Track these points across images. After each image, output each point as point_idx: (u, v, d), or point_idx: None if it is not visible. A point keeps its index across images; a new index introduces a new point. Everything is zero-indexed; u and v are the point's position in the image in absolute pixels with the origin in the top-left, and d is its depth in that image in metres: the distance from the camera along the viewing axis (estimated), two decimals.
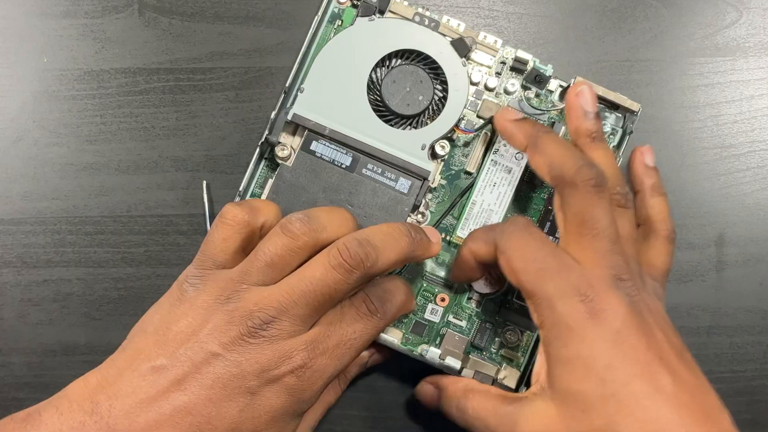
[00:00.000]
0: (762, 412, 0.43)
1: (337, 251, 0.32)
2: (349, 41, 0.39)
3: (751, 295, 0.43)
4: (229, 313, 0.31)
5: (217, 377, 0.30)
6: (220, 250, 0.33)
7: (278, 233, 0.33)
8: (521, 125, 0.36)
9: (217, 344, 0.31)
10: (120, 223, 0.42)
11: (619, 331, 0.30)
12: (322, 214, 0.34)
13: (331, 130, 0.38)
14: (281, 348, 0.31)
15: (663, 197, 0.39)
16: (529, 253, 0.32)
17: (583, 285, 0.31)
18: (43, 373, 0.41)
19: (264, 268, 0.32)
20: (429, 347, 0.39)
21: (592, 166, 0.33)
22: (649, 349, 0.30)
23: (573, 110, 0.37)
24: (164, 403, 0.30)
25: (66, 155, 0.42)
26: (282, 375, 0.31)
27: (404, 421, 0.42)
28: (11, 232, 0.42)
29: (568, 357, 0.31)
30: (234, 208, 0.33)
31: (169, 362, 0.30)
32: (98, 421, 0.29)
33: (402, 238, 0.34)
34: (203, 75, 0.43)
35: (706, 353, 0.43)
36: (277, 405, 0.31)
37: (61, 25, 0.43)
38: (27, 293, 0.42)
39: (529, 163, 0.35)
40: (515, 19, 0.44)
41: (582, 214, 0.32)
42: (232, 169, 0.42)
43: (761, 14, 0.44)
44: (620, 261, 0.32)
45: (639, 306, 0.31)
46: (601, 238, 0.32)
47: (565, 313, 0.31)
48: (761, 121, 0.44)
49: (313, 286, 0.31)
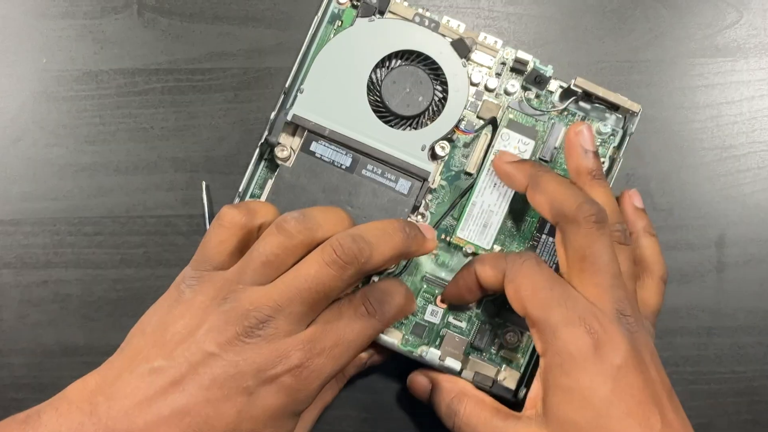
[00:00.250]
0: (763, 413, 0.43)
1: (331, 248, 0.32)
2: (349, 42, 0.39)
3: (751, 295, 0.43)
4: (226, 313, 0.31)
5: (215, 378, 0.30)
6: (216, 252, 0.33)
7: (273, 232, 0.33)
8: (520, 166, 0.37)
9: (214, 344, 0.30)
10: (119, 223, 0.42)
11: (620, 367, 0.31)
12: (317, 213, 0.34)
13: (331, 130, 0.38)
14: (278, 347, 0.31)
15: (655, 238, 0.40)
16: (537, 282, 0.33)
17: (588, 316, 0.32)
18: (42, 374, 0.41)
19: (259, 267, 0.32)
20: (429, 348, 0.39)
21: (593, 202, 0.34)
22: (645, 389, 0.31)
23: (573, 149, 0.37)
24: (162, 404, 0.30)
25: (65, 156, 0.42)
26: (279, 374, 0.31)
27: (404, 421, 0.42)
28: (10, 233, 0.42)
29: (567, 386, 0.31)
30: (231, 210, 0.34)
31: (166, 363, 0.30)
32: (96, 423, 0.29)
33: (396, 233, 0.34)
34: (202, 75, 0.43)
35: (707, 354, 0.43)
36: (274, 405, 0.31)
37: (60, 25, 0.43)
38: (26, 294, 0.41)
39: (530, 203, 0.36)
40: (515, 19, 0.44)
41: (584, 249, 0.33)
42: (231, 170, 0.42)
43: (761, 15, 0.44)
44: (623, 296, 0.33)
45: (638, 343, 0.32)
46: (603, 273, 0.33)
47: (570, 342, 0.31)
48: (761, 122, 0.44)
49: (308, 284, 0.31)
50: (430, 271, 0.40)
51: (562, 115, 0.40)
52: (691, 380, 0.43)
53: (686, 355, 0.43)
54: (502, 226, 0.39)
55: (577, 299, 0.32)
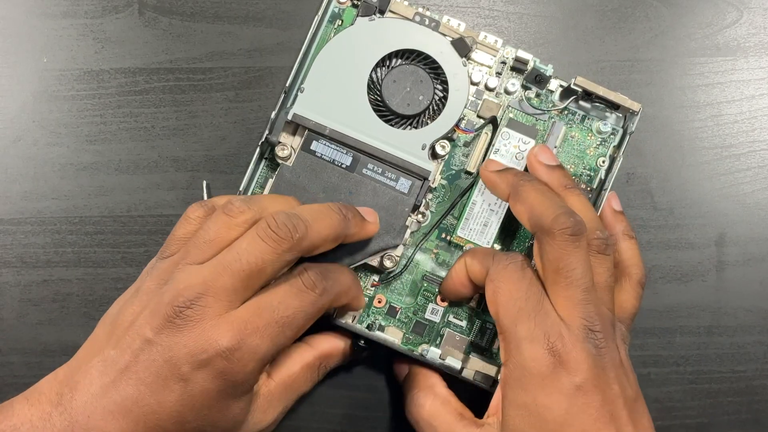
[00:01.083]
0: (762, 412, 0.43)
1: (266, 223, 0.32)
2: (350, 41, 0.39)
3: (751, 294, 0.43)
4: (162, 294, 0.31)
5: (151, 365, 0.30)
6: (177, 244, 0.33)
7: (219, 213, 0.33)
8: (503, 175, 0.37)
9: (149, 329, 0.30)
10: (120, 223, 0.42)
11: (579, 386, 0.31)
12: (264, 198, 0.34)
13: (332, 129, 0.38)
14: (206, 329, 0.30)
15: (633, 241, 0.40)
16: (514, 290, 0.33)
17: (553, 333, 0.32)
18: (42, 373, 0.41)
19: (202, 244, 0.32)
20: (429, 347, 0.39)
21: (570, 214, 0.33)
22: (602, 407, 0.31)
23: (537, 170, 0.38)
24: (114, 394, 0.30)
25: (66, 155, 0.42)
26: (211, 358, 0.30)
27: (404, 420, 0.42)
28: (11, 232, 0.42)
29: (524, 402, 0.32)
30: (197, 206, 0.34)
31: (115, 353, 0.31)
32: (62, 413, 0.30)
33: (332, 214, 0.34)
34: (203, 75, 0.43)
35: (707, 353, 0.43)
36: (210, 389, 0.31)
37: (61, 25, 0.43)
38: (27, 293, 0.41)
39: (512, 211, 0.36)
40: (516, 19, 0.44)
41: (557, 261, 0.33)
42: (232, 169, 0.42)
43: (762, 14, 0.44)
44: (592, 311, 0.32)
45: (604, 359, 0.32)
46: (574, 287, 0.33)
47: (530, 358, 0.32)
48: (762, 121, 0.44)
49: (239, 256, 0.31)
50: (431, 270, 0.40)
51: (563, 114, 0.40)
52: (691, 380, 0.43)
53: (686, 354, 0.43)
54: (502, 226, 0.39)
55: (547, 314, 0.32)
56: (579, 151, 0.41)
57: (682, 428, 0.43)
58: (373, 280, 0.39)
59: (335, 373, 0.41)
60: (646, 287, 0.43)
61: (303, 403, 0.41)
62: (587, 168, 0.40)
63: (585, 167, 0.40)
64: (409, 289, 0.40)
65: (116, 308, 0.33)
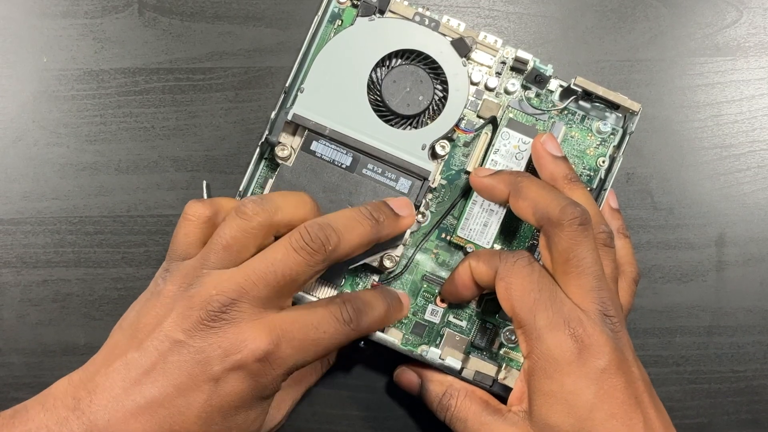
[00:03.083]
0: (762, 412, 0.43)
1: (299, 234, 0.32)
2: (349, 41, 0.39)
3: (751, 294, 0.43)
4: (190, 298, 0.31)
5: (182, 365, 0.30)
6: (183, 244, 0.33)
7: (233, 216, 0.33)
8: (498, 177, 0.37)
9: (180, 331, 0.31)
10: (120, 223, 0.42)
11: (604, 370, 0.32)
12: (276, 197, 0.34)
13: (332, 130, 0.38)
14: (242, 330, 0.31)
15: (628, 239, 0.40)
16: (526, 284, 0.33)
17: (573, 320, 0.32)
18: (42, 373, 0.41)
19: (221, 251, 0.32)
20: (429, 347, 0.39)
21: (576, 204, 0.34)
22: (627, 389, 0.32)
23: (542, 158, 0.38)
24: (138, 396, 0.30)
25: (66, 155, 0.42)
26: (245, 359, 0.31)
27: (404, 420, 0.42)
28: (11, 232, 0.42)
29: (551, 390, 0.32)
30: (195, 204, 0.34)
31: (138, 355, 0.31)
32: (80, 416, 0.30)
33: (364, 221, 0.34)
34: (203, 75, 0.43)
35: (707, 353, 0.43)
36: (240, 390, 0.31)
37: (61, 25, 0.43)
38: (27, 293, 0.41)
39: (513, 210, 0.36)
40: (515, 19, 0.44)
41: (568, 252, 0.33)
42: (231, 169, 0.42)
43: (761, 14, 0.44)
44: (606, 296, 0.33)
45: (622, 342, 0.33)
46: (586, 274, 0.33)
47: (554, 346, 0.32)
48: (761, 121, 0.44)
49: (274, 267, 0.31)
50: (431, 271, 0.40)
51: (562, 114, 0.40)
52: (691, 380, 0.43)
53: (686, 354, 0.43)
54: (502, 226, 0.39)
55: (563, 302, 0.33)
56: (579, 151, 0.41)
57: (682, 428, 0.42)
58: (373, 280, 0.39)
59: (335, 373, 0.42)
60: (647, 287, 0.43)
61: (303, 403, 0.41)
62: (587, 168, 0.40)
63: (585, 167, 0.40)
64: (409, 289, 0.40)
65: (133, 313, 0.33)
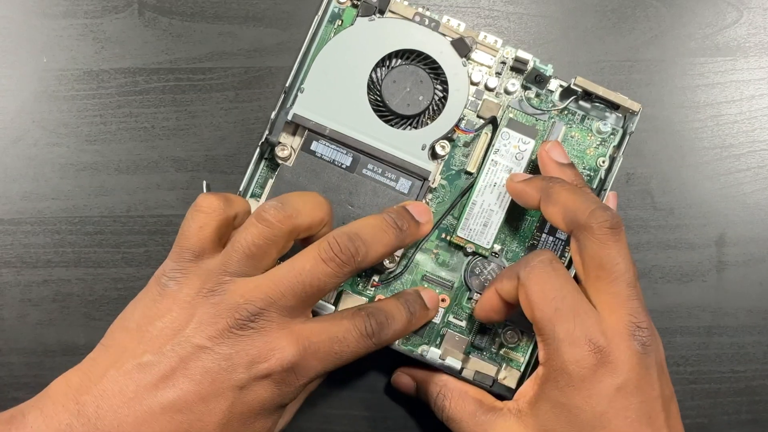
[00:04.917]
0: (762, 412, 0.43)
1: (328, 245, 0.32)
2: (349, 41, 0.39)
3: (751, 295, 0.43)
4: (215, 305, 0.31)
5: (206, 371, 0.30)
6: (197, 238, 0.32)
7: (253, 222, 0.32)
8: (531, 182, 0.36)
9: (204, 337, 0.30)
10: (120, 223, 0.42)
11: (619, 387, 0.31)
12: (295, 199, 0.33)
13: (332, 130, 0.38)
14: (271, 339, 0.31)
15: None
16: (548, 289, 0.32)
17: (595, 334, 0.31)
18: (42, 373, 0.41)
19: (243, 258, 0.32)
20: (429, 347, 0.39)
21: (605, 208, 0.33)
22: (641, 408, 0.31)
23: (547, 166, 0.37)
24: (152, 401, 0.29)
25: (66, 155, 0.42)
26: (272, 367, 0.30)
27: (404, 420, 0.42)
28: (11, 232, 0.42)
29: (558, 401, 0.31)
30: (209, 197, 0.33)
31: (155, 358, 0.30)
32: (86, 424, 0.29)
33: (389, 230, 0.34)
34: (203, 75, 0.43)
35: (707, 353, 0.43)
36: (263, 398, 0.31)
37: (61, 25, 0.43)
38: (27, 293, 0.41)
39: (545, 216, 0.35)
40: (515, 19, 0.44)
41: (599, 257, 0.32)
42: (232, 170, 0.42)
43: (761, 14, 0.44)
44: (638, 307, 0.32)
45: (649, 357, 0.32)
46: (619, 282, 0.32)
47: (571, 362, 0.31)
48: (761, 121, 0.44)
49: (302, 278, 0.31)
50: (431, 271, 0.40)
51: (563, 114, 0.40)
52: (691, 380, 0.43)
53: (686, 354, 0.43)
54: (502, 225, 0.39)
55: (587, 314, 0.32)
56: (579, 151, 0.41)
57: None
58: (373, 280, 0.39)
59: (335, 373, 0.41)
60: (647, 287, 0.43)
61: (303, 403, 0.41)
62: (587, 168, 0.40)
63: (585, 167, 0.40)
64: None
65: (137, 313, 0.32)
